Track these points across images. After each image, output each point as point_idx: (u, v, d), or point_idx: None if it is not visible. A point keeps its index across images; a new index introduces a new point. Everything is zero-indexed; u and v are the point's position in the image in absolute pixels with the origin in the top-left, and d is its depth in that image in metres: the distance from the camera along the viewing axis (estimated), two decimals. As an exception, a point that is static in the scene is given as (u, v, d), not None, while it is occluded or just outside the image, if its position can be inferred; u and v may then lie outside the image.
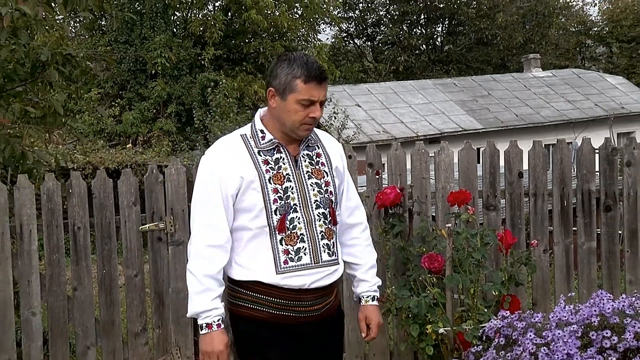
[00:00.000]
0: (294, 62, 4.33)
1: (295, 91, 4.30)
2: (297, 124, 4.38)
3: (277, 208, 4.34)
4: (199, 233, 4.37)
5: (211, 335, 4.28)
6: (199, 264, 4.31)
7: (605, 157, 7.78)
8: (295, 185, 4.42)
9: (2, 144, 7.97)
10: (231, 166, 4.34)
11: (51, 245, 6.86)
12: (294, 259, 4.37)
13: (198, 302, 4.28)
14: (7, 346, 6.77)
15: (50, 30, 9.66)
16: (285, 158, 4.45)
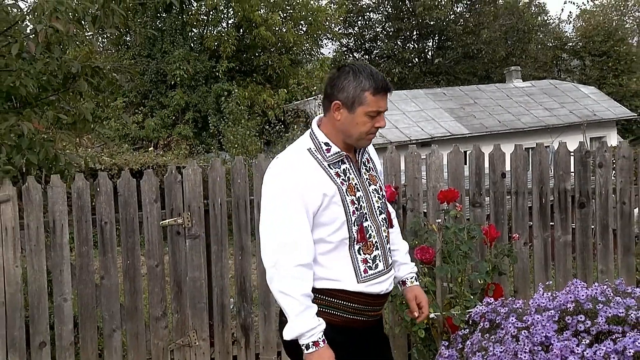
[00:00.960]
0: (360, 74, 4.00)
1: (364, 104, 3.98)
2: (364, 134, 4.08)
3: (355, 219, 4.05)
4: (286, 253, 3.92)
5: (320, 352, 3.90)
6: (293, 285, 3.89)
7: (580, 159, 7.78)
8: (363, 195, 4.13)
9: (37, 147, 7.97)
10: (311, 182, 3.97)
11: (81, 238, 6.87)
12: (372, 267, 4.13)
13: (302, 322, 3.88)
14: (41, 329, 6.79)
15: (80, 45, 9.64)
16: (350, 168, 4.13)
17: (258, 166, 7.23)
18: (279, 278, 3.93)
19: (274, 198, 4.03)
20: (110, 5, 8.81)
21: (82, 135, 11.22)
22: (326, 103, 4.10)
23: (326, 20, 33.02)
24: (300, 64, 31.37)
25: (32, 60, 8.53)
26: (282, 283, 3.92)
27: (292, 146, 4.19)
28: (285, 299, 3.92)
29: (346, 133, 4.06)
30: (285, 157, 4.13)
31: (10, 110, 8.69)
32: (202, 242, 7.12)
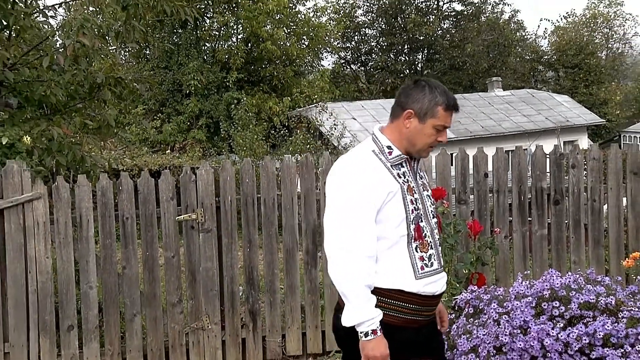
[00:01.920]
0: (436, 90, 3.94)
1: (435, 117, 3.91)
2: (427, 146, 4.01)
3: (413, 218, 3.95)
4: (355, 244, 3.82)
5: (377, 340, 3.79)
6: (361, 276, 3.79)
7: (555, 161, 7.78)
8: (419, 197, 4.04)
9: (66, 150, 7.98)
10: (376, 179, 3.88)
11: (105, 232, 6.87)
12: (428, 264, 4.00)
13: (365, 311, 3.78)
14: (69, 313, 6.79)
15: (104, 58, 9.65)
16: (408, 172, 4.04)
17: (264, 167, 7.24)
18: (346, 267, 3.84)
19: (343, 193, 3.96)
20: (132, 22, 8.84)
21: (106, 139, 11.22)
22: (397, 110, 4.02)
23: (326, 36, 33.08)
24: (303, 75, 31.39)
25: (61, 72, 8.54)
26: (350, 272, 3.83)
27: (356, 149, 4.12)
28: (351, 287, 3.83)
29: (411, 141, 3.99)
30: (351, 156, 4.07)
31: (42, 117, 8.70)
32: (214, 235, 7.11)
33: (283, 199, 7.31)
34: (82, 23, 8.25)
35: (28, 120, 8.46)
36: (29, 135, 7.50)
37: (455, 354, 5.72)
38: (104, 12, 8.93)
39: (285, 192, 7.31)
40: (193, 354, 7.11)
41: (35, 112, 8.82)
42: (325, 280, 7.41)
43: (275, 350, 7.32)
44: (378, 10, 43.33)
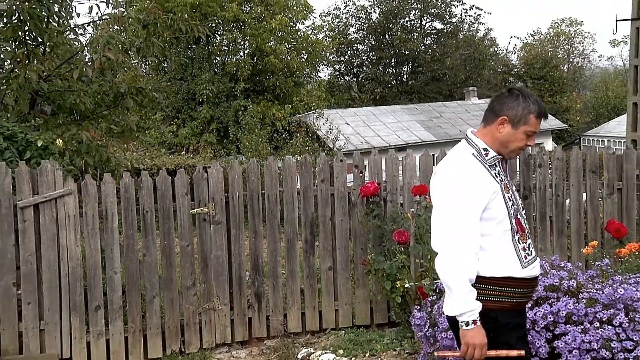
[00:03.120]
0: (529, 99, 3.88)
1: (527, 124, 3.85)
2: (517, 149, 3.95)
3: (512, 212, 3.89)
4: (462, 241, 3.73)
5: (477, 329, 3.70)
6: (466, 270, 3.71)
7: (524, 161, 7.78)
8: (512, 193, 3.97)
9: (93, 152, 7.99)
10: (481, 180, 3.81)
11: (127, 223, 6.86)
12: (529, 253, 3.94)
13: (468, 302, 3.71)
14: (97, 295, 6.78)
15: (127, 71, 9.64)
16: (502, 171, 3.95)
17: (268, 166, 7.23)
18: (453, 261, 3.74)
19: (453, 194, 3.83)
20: (151, 39, 8.88)
21: (128, 142, 11.20)
22: (491, 116, 3.96)
23: (322, 50, 33.06)
24: (302, 85, 31.32)
25: (89, 83, 8.57)
26: (457, 267, 3.74)
27: (456, 152, 4.03)
28: (456, 280, 3.73)
29: (504, 144, 3.93)
30: (455, 159, 3.98)
31: (72, 122, 8.72)
32: (224, 227, 7.10)
33: (284, 195, 7.30)
34: (107, 40, 8.27)
35: (60, 125, 8.46)
36: (61, 139, 7.50)
37: (436, 331, 5.71)
38: (127, 30, 8.94)
39: (287, 189, 7.30)
40: (205, 331, 7.10)
41: (67, 118, 8.82)
42: (321, 266, 7.41)
43: (278, 328, 7.32)
44: (368, 28, 43.29)
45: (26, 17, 8.32)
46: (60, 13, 8.90)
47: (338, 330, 7.34)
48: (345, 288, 7.43)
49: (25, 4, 8.28)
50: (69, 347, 6.75)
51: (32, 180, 6.65)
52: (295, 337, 7.30)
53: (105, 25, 9.11)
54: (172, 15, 9.41)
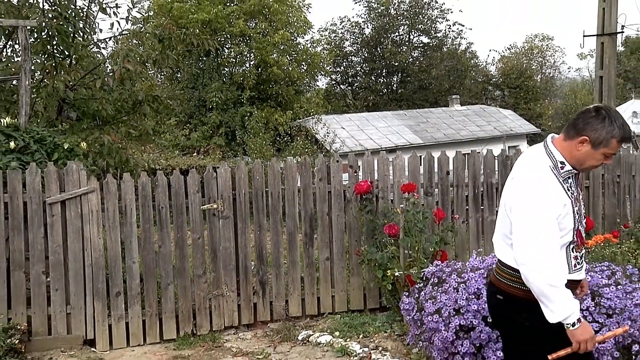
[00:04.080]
0: (614, 122, 3.50)
1: (608, 147, 3.51)
2: (592, 167, 3.69)
3: (576, 225, 3.63)
4: (548, 252, 3.48)
5: (582, 326, 3.49)
6: (557, 278, 3.46)
7: (501, 161, 7.78)
8: (580, 206, 3.71)
9: (114, 153, 8.00)
10: (556, 195, 3.54)
11: (144, 218, 6.85)
12: (580, 262, 3.70)
13: (567, 306, 3.46)
14: (117, 283, 6.78)
15: (144, 80, 9.66)
16: (574, 183, 3.67)
17: (271, 166, 7.23)
18: (546, 271, 3.49)
19: (536, 208, 3.55)
20: (166, 52, 8.91)
21: (145, 144, 11.23)
22: (572, 132, 3.60)
23: (320, 62, 33.02)
24: (302, 93, 31.30)
25: (110, 91, 8.58)
26: (549, 275, 3.49)
27: (535, 164, 3.68)
28: (551, 289, 3.48)
29: (579, 162, 3.62)
30: (535, 173, 3.63)
31: (95, 127, 8.72)
32: (231, 221, 7.10)
33: (286, 192, 7.30)
34: (127, 53, 8.29)
35: (84, 129, 8.47)
36: (85, 142, 7.51)
37: (423, 315, 5.71)
38: (144, 44, 8.95)
39: (288, 187, 7.30)
40: (215, 315, 7.10)
41: (90, 123, 8.82)
42: (319, 256, 7.41)
43: (280, 312, 7.32)
44: (361, 42, 43.31)
45: (54, 33, 8.37)
46: (84, 29, 8.93)
47: (334, 315, 7.35)
48: (341, 276, 7.43)
49: (54, 21, 8.34)
50: (93, 329, 6.75)
51: (59, 179, 6.65)
52: (295, 320, 7.30)
53: (125, 39, 9.14)
54: (185, 30, 9.46)
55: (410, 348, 6.21)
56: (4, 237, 6.56)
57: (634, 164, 7.90)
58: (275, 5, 28.88)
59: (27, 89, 7.47)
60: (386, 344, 6.42)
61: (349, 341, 6.55)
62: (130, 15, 9.19)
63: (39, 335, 6.63)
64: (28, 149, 7.04)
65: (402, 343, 6.39)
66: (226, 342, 6.89)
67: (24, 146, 7.03)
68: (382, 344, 6.44)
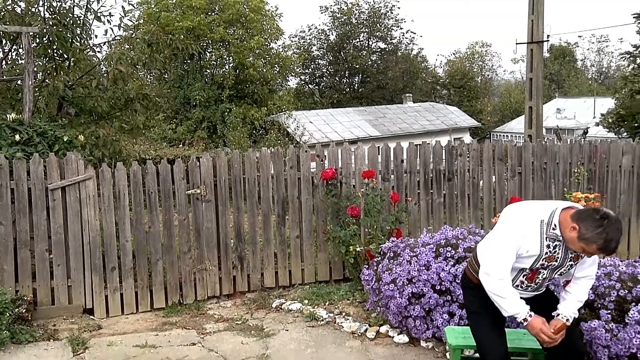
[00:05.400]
0: (605, 233, 3.39)
1: (588, 246, 3.44)
2: (576, 250, 3.56)
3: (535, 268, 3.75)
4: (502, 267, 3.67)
5: (531, 321, 3.62)
6: (504, 288, 3.66)
7: (448, 151, 7.82)
8: (556, 263, 3.69)
9: (108, 145, 7.90)
10: (527, 241, 3.62)
11: (136, 202, 6.77)
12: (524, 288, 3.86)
13: (514, 306, 3.63)
14: (112, 259, 6.70)
15: (135, 80, 9.54)
16: (561, 247, 3.62)
17: (248, 156, 7.19)
18: (493, 282, 3.67)
19: (506, 235, 3.68)
20: (154, 55, 8.84)
21: (136, 137, 11.09)
22: (575, 216, 3.52)
23: (291, 64, 32.92)
24: (275, 92, 31.13)
25: (105, 90, 8.47)
26: (495, 286, 3.66)
27: (535, 210, 3.69)
28: (497, 297, 3.67)
29: (565, 239, 3.57)
30: (529, 215, 3.69)
31: (91, 122, 8.64)
32: (213, 204, 7.05)
33: (261, 179, 7.26)
34: (119, 56, 8.21)
35: (82, 124, 8.36)
36: (83, 135, 7.40)
37: (381, 284, 5.73)
38: (135, 48, 8.84)
39: (263, 174, 7.26)
40: (199, 286, 7.05)
41: (87, 119, 8.71)
42: (291, 235, 7.40)
43: (256, 283, 7.29)
44: (327, 47, 43.26)
45: (54, 38, 8.29)
46: (81, 35, 8.81)
47: (304, 285, 7.35)
48: (309, 252, 7.42)
49: (54, 28, 8.26)
50: (91, 299, 6.68)
51: (60, 168, 6.55)
52: (270, 290, 7.29)
53: (117, 44, 9.04)
54: (171, 36, 9.40)
55: (369, 313, 6.24)
56: (11, 219, 6.47)
57: (558, 153, 7.99)
58: (251, 14, 28.76)
59: (30, 88, 7.34)
60: (349, 310, 6.44)
61: (316, 308, 6.56)
62: (122, 22, 9.12)
63: (44, 305, 6.55)
64: (32, 141, 6.95)
65: (363, 309, 6.41)
66: (209, 310, 6.85)
67: (28, 139, 6.94)
68: (345, 310, 6.46)
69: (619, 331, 4.21)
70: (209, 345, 5.77)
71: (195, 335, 6.04)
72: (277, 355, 5.48)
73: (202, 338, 5.97)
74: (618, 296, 4.46)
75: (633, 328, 4.13)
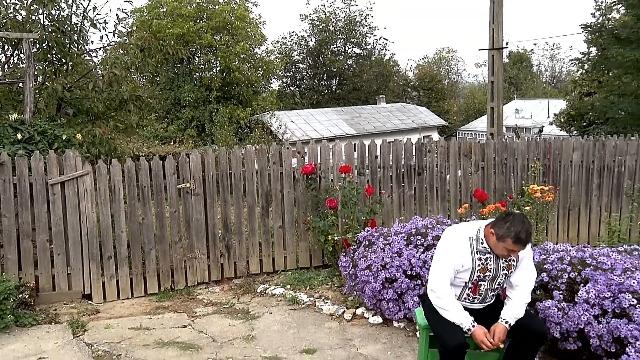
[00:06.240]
0: (513, 227, 3.66)
1: (505, 243, 3.69)
2: (501, 256, 3.80)
3: (473, 280, 3.94)
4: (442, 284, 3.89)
5: (474, 331, 3.75)
6: (446, 301, 3.86)
7: (418, 147, 7.86)
8: (492, 274, 3.93)
9: (104, 143, 7.82)
10: (459, 255, 3.88)
11: (130, 195, 6.72)
12: (471, 300, 4.03)
13: (457, 317, 3.79)
14: (108, 248, 6.65)
15: (129, 83, 9.46)
16: (492, 258, 3.88)
17: (234, 153, 7.17)
18: (436, 297, 3.87)
19: (440, 254, 3.92)
20: (147, 59, 8.78)
21: (130, 135, 10.98)
22: (491, 224, 3.84)
23: (273, 68, 32.76)
24: (259, 93, 30.92)
25: (100, 92, 8.39)
26: (438, 301, 3.86)
27: (464, 230, 3.96)
28: (441, 310, 3.85)
29: (492, 247, 3.83)
30: (457, 231, 3.97)
31: (88, 121, 8.56)
32: (202, 197, 7.02)
33: (246, 173, 7.25)
34: (114, 60, 8.15)
35: (79, 123, 8.29)
36: (80, 134, 7.34)
37: (357, 270, 5.75)
38: (128, 53, 8.76)
39: (248, 169, 7.25)
40: (189, 273, 7.03)
41: (84, 119, 8.62)
42: (274, 225, 7.40)
43: (243, 270, 7.29)
44: (307, 52, 43.12)
45: (53, 44, 8.23)
46: (79, 41, 8.71)
47: (286, 272, 7.35)
48: (291, 241, 7.42)
49: (53, 34, 8.20)
50: (89, 286, 6.64)
51: (59, 164, 6.50)
52: (255, 276, 7.28)
53: (112, 49, 8.96)
54: (162, 42, 9.34)
55: (346, 296, 6.26)
56: (14, 212, 6.40)
57: (517, 149, 8.07)
58: (236, 22, 28.58)
59: (31, 90, 7.25)
60: (328, 294, 6.46)
61: (298, 292, 6.57)
62: (116, 29, 9.03)
63: (45, 291, 6.50)
64: (32, 139, 6.89)
65: (340, 293, 6.43)
66: (199, 294, 6.83)
67: (29, 137, 6.88)
68: (325, 294, 6.48)
69: (570, 309, 4.27)
70: (198, 327, 5.76)
71: (186, 318, 6.03)
72: (262, 335, 5.49)
73: (192, 321, 5.96)
74: (569, 278, 4.53)
75: (581, 306, 4.20)
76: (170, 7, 27.44)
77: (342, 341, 5.28)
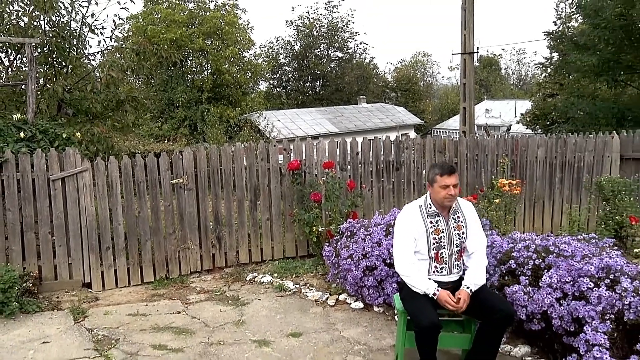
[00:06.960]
0: (434, 167, 4.03)
1: (436, 181, 3.95)
2: (443, 199, 3.98)
3: (434, 248, 4.04)
4: (404, 259, 4.04)
5: (438, 296, 3.86)
6: (410, 270, 4.00)
7: (397, 145, 7.88)
8: (446, 235, 4.06)
9: (102, 141, 7.77)
10: (414, 223, 4.06)
11: (126, 190, 6.68)
12: (438, 271, 4.10)
13: (422, 285, 3.92)
14: (107, 240, 6.61)
15: (125, 84, 9.40)
16: (442, 220, 4.06)
17: (224, 150, 7.14)
18: (399, 268, 4.03)
19: (397, 229, 4.12)
20: (142, 62, 8.73)
21: (126, 134, 10.91)
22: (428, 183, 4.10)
23: (261, 71, 32.66)
24: (248, 94, 30.83)
25: (98, 93, 8.34)
26: (402, 271, 4.01)
27: (414, 202, 4.18)
28: (406, 278, 4.00)
29: (436, 200, 4.03)
30: (408, 206, 4.17)
31: (87, 121, 8.49)
32: (194, 192, 6.99)
33: (236, 169, 7.23)
34: (111, 63, 8.10)
35: (79, 123, 8.22)
36: (79, 132, 7.27)
37: (339, 259, 5.77)
38: (124, 57, 8.69)
39: (237, 165, 7.23)
40: (183, 263, 7.01)
41: (83, 118, 8.55)
42: (262, 217, 7.39)
43: (233, 260, 7.28)
44: (292, 56, 43.01)
45: (54, 49, 8.16)
46: (78, 45, 8.64)
47: (274, 261, 7.36)
48: (278, 232, 7.43)
49: (53, 39, 8.15)
50: (89, 275, 6.60)
51: (60, 161, 6.46)
52: (244, 266, 7.28)
53: (109, 53, 8.89)
54: (156, 46, 9.28)
55: (330, 284, 6.29)
56: (17, 206, 6.36)
57: (487, 146, 8.12)
58: (226, 27, 28.43)
59: (33, 91, 7.17)
60: (312, 282, 6.48)
61: (284, 280, 6.58)
62: (113, 34, 8.96)
63: (48, 280, 6.46)
64: (35, 138, 6.82)
65: (324, 280, 6.45)
66: (192, 283, 6.82)
67: (31, 136, 6.81)
68: (310, 281, 6.50)
69: (534, 293, 4.33)
70: (192, 313, 5.75)
71: (180, 305, 6.02)
72: (251, 320, 5.50)
73: (186, 307, 5.95)
74: (534, 265, 4.59)
75: (545, 290, 4.26)
76: (164, 13, 27.27)
77: (326, 325, 5.31)
